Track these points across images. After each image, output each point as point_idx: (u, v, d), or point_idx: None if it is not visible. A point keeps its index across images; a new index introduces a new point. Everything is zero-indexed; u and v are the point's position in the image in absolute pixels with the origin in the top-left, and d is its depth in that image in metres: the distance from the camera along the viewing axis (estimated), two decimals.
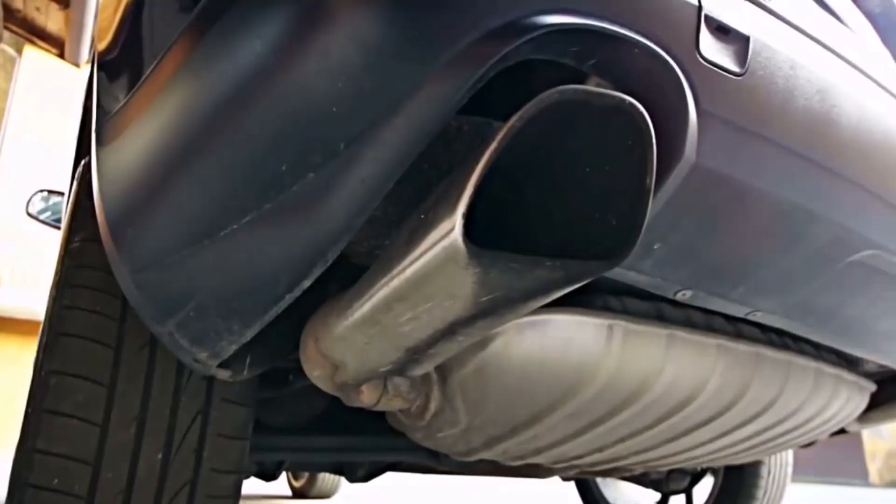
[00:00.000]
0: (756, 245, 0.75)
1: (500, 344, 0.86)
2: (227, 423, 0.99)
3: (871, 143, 0.77)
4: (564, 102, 0.53)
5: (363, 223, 0.78)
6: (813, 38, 0.73)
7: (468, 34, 0.52)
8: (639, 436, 1.14)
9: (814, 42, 0.73)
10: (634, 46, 0.56)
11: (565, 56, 0.57)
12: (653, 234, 0.68)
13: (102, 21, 0.90)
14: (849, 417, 1.52)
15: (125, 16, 0.80)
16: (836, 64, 0.75)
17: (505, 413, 0.97)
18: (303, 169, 0.60)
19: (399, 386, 0.89)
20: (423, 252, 0.58)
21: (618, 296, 0.93)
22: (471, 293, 0.59)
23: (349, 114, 0.56)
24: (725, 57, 0.62)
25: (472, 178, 0.53)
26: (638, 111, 0.54)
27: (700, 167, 0.64)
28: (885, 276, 0.90)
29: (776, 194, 0.70)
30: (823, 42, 0.74)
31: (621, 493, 2.53)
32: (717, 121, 0.63)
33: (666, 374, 0.97)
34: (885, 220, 0.81)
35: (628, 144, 0.56)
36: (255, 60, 0.59)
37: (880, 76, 0.84)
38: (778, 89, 0.66)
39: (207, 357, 0.80)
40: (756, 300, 0.84)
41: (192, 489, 0.96)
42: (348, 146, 0.58)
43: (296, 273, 0.66)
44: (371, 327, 0.69)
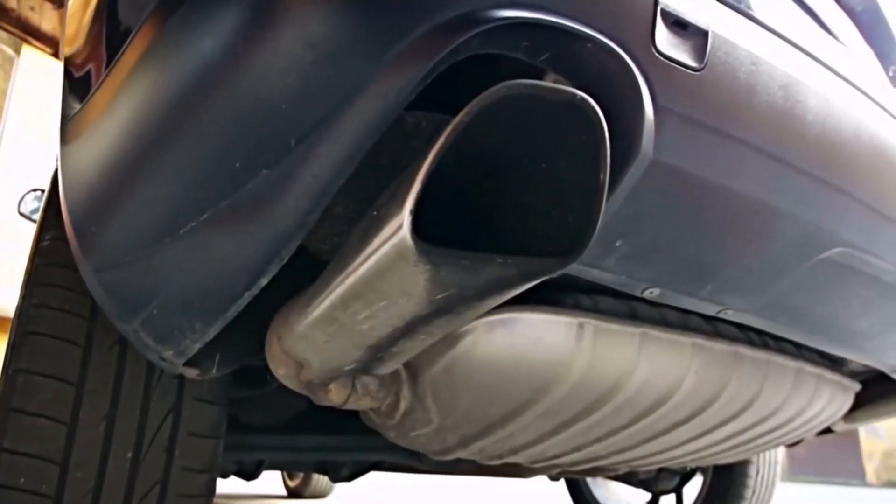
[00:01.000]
0: (721, 242, 0.74)
1: (469, 342, 0.85)
2: (198, 422, 0.99)
3: (839, 139, 0.76)
4: (514, 97, 0.53)
5: (327, 221, 0.79)
6: (776, 34, 0.72)
7: (415, 29, 0.52)
8: (616, 435, 1.13)
9: (777, 37, 0.72)
10: (587, 41, 0.56)
11: (516, 51, 0.56)
12: (614, 232, 0.68)
13: (69, 27, 0.90)
14: (833, 417, 1.52)
15: (86, 21, 0.80)
16: (801, 60, 0.74)
17: (477, 412, 0.96)
18: (256, 166, 0.60)
19: (368, 385, 0.88)
20: (375, 249, 0.58)
21: (590, 294, 0.92)
22: (424, 291, 0.59)
23: (299, 110, 0.56)
24: (683, 52, 0.61)
25: (420, 176, 0.53)
26: (590, 106, 0.54)
27: (659, 163, 0.63)
28: (858, 273, 0.90)
29: (740, 191, 0.70)
30: (788, 38, 0.73)
31: (612, 493, 2.52)
32: (675, 116, 0.62)
33: (639, 372, 0.96)
34: (854, 218, 0.81)
35: (582, 140, 0.56)
36: (205, 58, 0.58)
37: (851, 74, 0.83)
38: (739, 85, 0.66)
39: (173, 355, 0.80)
40: (725, 298, 0.84)
41: (164, 488, 0.95)
42: (300, 142, 0.57)
43: (253, 271, 0.66)
44: (330, 325, 0.69)
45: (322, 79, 0.54)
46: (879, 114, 0.84)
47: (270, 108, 0.56)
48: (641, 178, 0.63)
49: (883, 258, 0.89)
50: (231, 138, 0.60)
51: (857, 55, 1.08)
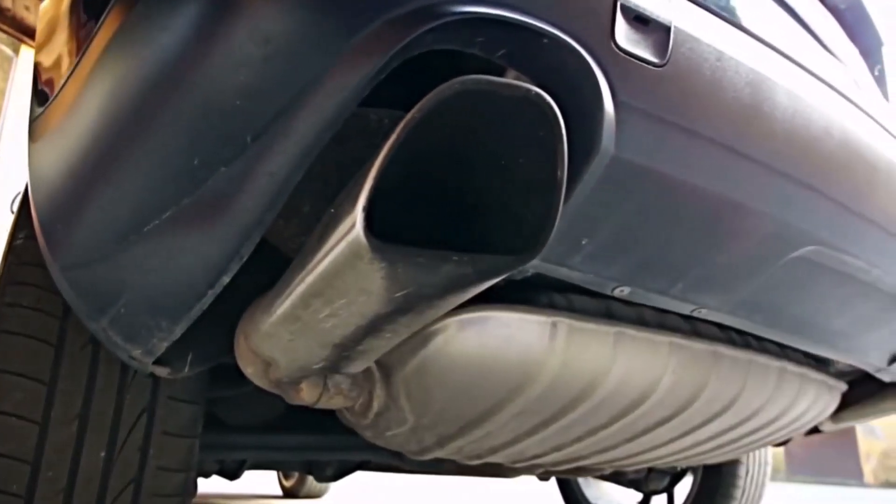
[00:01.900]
0: (689, 241, 0.73)
1: (441, 341, 0.85)
2: (173, 421, 0.98)
3: (809, 136, 0.76)
4: (468, 93, 0.53)
5: (294, 220, 0.79)
6: (743, 30, 0.71)
7: (366, 25, 0.52)
8: (596, 434, 1.12)
9: (745, 34, 0.71)
10: (542, 37, 0.55)
11: (472, 46, 0.56)
12: (579, 229, 0.67)
13: (39, 26, 0.90)
14: (819, 416, 1.51)
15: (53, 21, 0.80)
16: (770, 56, 0.73)
17: (452, 411, 0.96)
18: (214, 163, 0.60)
19: (340, 384, 0.88)
20: (332, 248, 0.57)
21: (565, 293, 0.92)
22: (382, 288, 0.58)
23: (253, 107, 0.56)
24: (644, 47, 0.61)
25: (372, 173, 0.52)
26: (545, 102, 0.53)
27: (622, 160, 0.63)
28: (833, 272, 0.89)
29: (707, 189, 0.69)
30: (756, 34, 0.73)
31: (603, 493, 2.52)
32: (637, 113, 0.62)
33: (615, 372, 0.96)
34: (826, 216, 0.80)
35: (539, 136, 0.56)
36: (159, 55, 0.58)
37: (823, 71, 0.83)
38: (703, 81, 0.65)
39: (142, 354, 0.79)
40: (698, 297, 0.83)
41: (138, 488, 0.95)
42: (255, 139, 0.57)
43: (214, 269, 0.66)
44: (293, 324, 0.68)
45: (274, 74, 0.54)
46: (852, 111, 0.84)
47: (225, 104, 0.56)
48: (604, 174, 0.63)
49: (857, 256, 0.88)
50: (188, 135, 0.59)
51: (834, 52, 1.07)
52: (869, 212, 0.85)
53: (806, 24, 1.02)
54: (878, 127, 0.89)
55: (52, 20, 0.81)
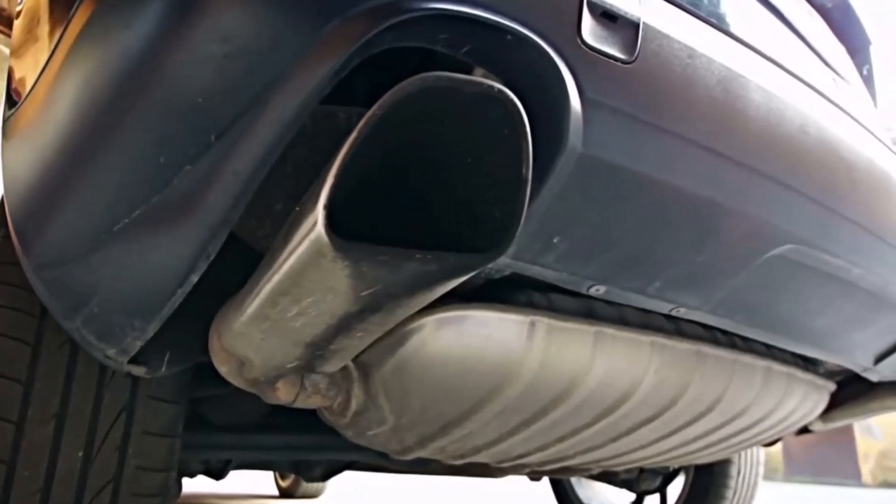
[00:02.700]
0: (665, 239, 0.73)
1: (418, 341, 0.84)
2: (153, 421, 0.98)
3: (785, 134, 0.75)
4: (430, 90, 0.52)
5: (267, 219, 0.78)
6: (715, 26, 0.71)
7: (325, 22, 0.51)
8: (579, 434, 1.12)
9: (717, 31, 0.71)
10: (506, 33, 0.55)
11: (436, 43, 0.55)
12: (551, 227, 0.67)
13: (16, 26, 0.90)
14: (808, 416, 1.51)
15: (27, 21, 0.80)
16: (743, 53, 0.73)
17: (432, 411, 0.95)
18: (180, 161, 0.59)
19: (318, 383, 0.87)
20: (296, 246, 0.57)
21: (544, 292, 0.91)
22: (349, 287, 0.58)
23: (216, 105, 0.56)
24: (612, 44, 0.60)
25: (333, 170, 0.52)
26: (509, 99, 0.53)
27: (592, 158, 0.62)
28: (813, 271, 0.89)
29: (681, 187, 0.69)
30: (729, 31, 0.72)
31: (596, 493, 2.51)
32: (606, 110, 0.61)
33: (595, 371, 0.95)
34: (803, 214, 0.80)
35: (504, 134, 0.55)
36: (123, 55, 0.58)
37: (800, 69, 0.82)
38: (674, 78, 0.65)
39: (116, 353, 0.79)
40: (676, 296, 0.83)
41: (116, 487, 0.95)
42: (219, 138, 0.57)
43: (182, 267, 0.66)
44: (263, 322, 0.68)
45: (236, 72, 0.53)
46: (829, 109, 0.83)
47: (189, 102, 0.56)
48: (574, 172, 0.62)
49: (837, 255, 0.88)
50: (154, 134, 0.59)
51: (818, 50, 1.07)
52: (848, 210, 0.85)
53: (788, 22, 1.01)
54: (856, 125, 0.89)
55: (25, 22, 0.81)
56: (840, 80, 1.09)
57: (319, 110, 0.69)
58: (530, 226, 0.65)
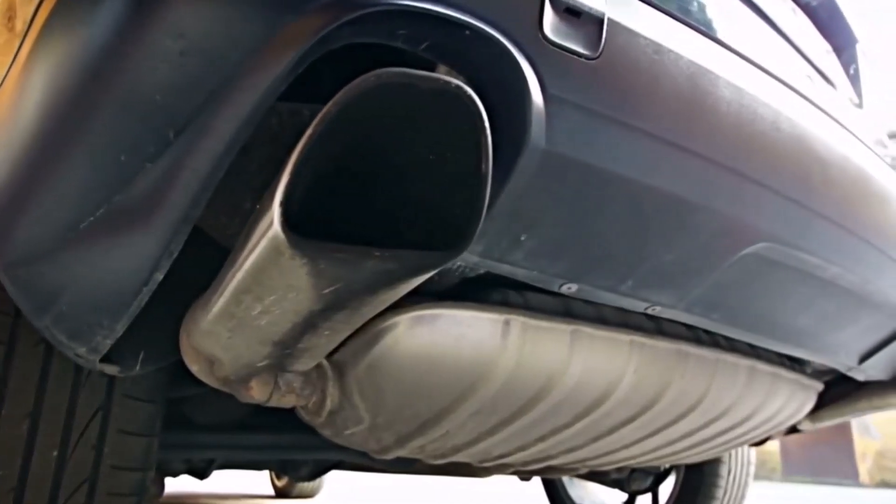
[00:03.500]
0: (634, 237, 0.73)
1: (391, 339, 0.84)
2: (129, 420, 0.98)
3: (756, 131, 0.75)
4: (386, 86, 0.52)
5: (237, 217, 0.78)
6: (683, 22, 0.70)
7: (279, 19, 0.51)
8: (559, 434, 1.12)
9: (685, 26, 0.70)
10: (464, 29, 0.54)
11: (395, 39, 0.55)
12: (518, 225, 0.67)
13: None
14: (795, 416, 1.50)
15: None
16: (712, 49, 0.72)
17: (408, 409, 0.95)
18: (140, 159, 0.59)
19: (291, 382, 0.87)
20: (255, 244, 0.57)
21: (520, 290, 0.91)
22: (310, 285, 0.58)
23: (173, 102, 0.55)
24: (575, 39, 0.60)
25: (288, 168, 0.52)
26: (466, 95, 0.52)
27: (557, 154, 0.62)
28: (789, 270, 0.88)
29: (650, 184, 0.68)
30: (697, 26, 0.72)
31: (588, 493, 2.51)
32: (570, 106, 0.61)
33: (572, 370, 0.95)
34: (776, 212, 0.79)
35: (463, 130, 0.55)
36: (82, 52, 0.58)
37: (774, 65, 0.82)
38: (640, 74, 0.65)
39: (86, 352, 0.79)
40: (650, 294, 0.83)
41: (92, 487, 0.94)
42: (178, 135, 0.57)
43: (146, 265, 0.65)
44: (228, 321, 0.68)
45: (192, 69, 0.53)
46: (803, 106, 0.83)
47: (146, 99, 0.56)
48: (538, 169, 0.62)
49: (814, 254, 0.87)
50: (114, 132, 0.59)
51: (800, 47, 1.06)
52: (823, 208, 0.84)
53: (768, 18, 1.01)
54: (832, 122, 0.88)
55: None
56: (819, 77, 1.09)
57: (284, 108, 0.68)
58: (496, 223, 0.65)
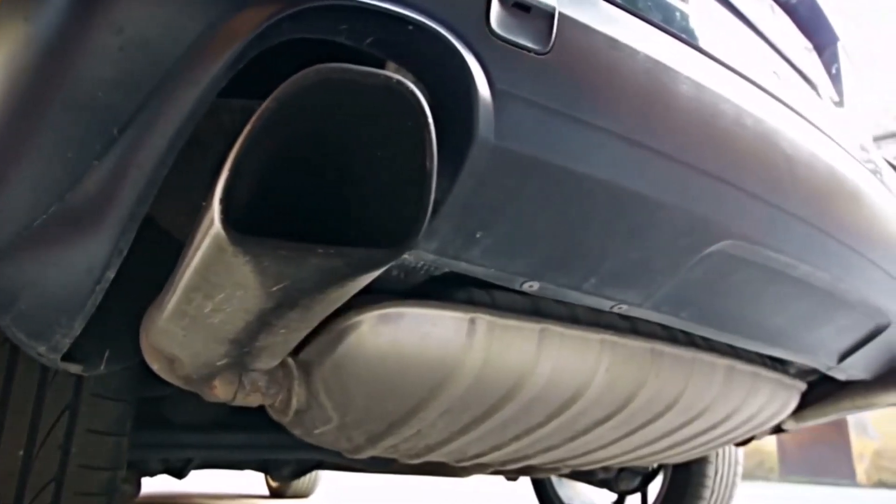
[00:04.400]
0: (593, 234, 0.72)
1: (355, 338, 0.84)
2: (97, 419, 0.98)
3: (717, 127, 0.74)
4: (326, 82, 0.52)
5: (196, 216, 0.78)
6: (639, 17, 0.70)
7: (216, 14, 0.51)
8: (533, 433, 1.11)
9: (642, 21, 0.70)
10: (407, 24, 0.54)
11: (338, 34, 0.54)
12: (471, 222, 0.66)
13: None
14: (778, 415, 1.49)
15: None
16: (671, 44, 0.72)
17: (375, 409, 0.94)
18: (87, 157, 0.59)
19: (256, 381, 0.87)
20: (201, 241, 0.57)
21: (488, 289, 0.90)
22: (256, 282, 0.57)
23: (115, 98, 0.55)
24: (524, 34, 0.59)
25: (228, 165, 0.51)
26: (409, 90, 0.52)
27: (508, 151, 0.61)
28: (759, 268, 0.88)
29: (604, 180, 0.68)
30: (654, 21, 0.71)
31: (577, 493, 2.50)
32: (520, 102, 0.60)
33: (541, 369, 0.94)
34: (741, 209, 0.79)
35: (408, 126, 0.54)
36: (26, 49, 0.57)
37: (739, 62, 0.81)
38: (594, 69, 0.64)
39: (47, 350, 0.79)
40: (615, 293, 0.82)
41: (59, 486, 0.94)
42: (122, 131, 0.56)
43: (97, 264, 0.65)
44: (181, 319, 0.67)
45: (131, 65, 0.53)
46: (768, 102, 0.82)
47: (89, 96, 0.55)
48: (489, 165, 0.61)
49: (782, 252, 0.87)
50: (60, 129, 0.59)
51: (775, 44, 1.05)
52: (791, 206, 0.83)
53: (742, 15, 1.00)
54: (801, 119, 0.88)
55: None
56: (795, 73, 1.08)
57: (238, 104, 0.68)
58: (450, 220, 0.65)
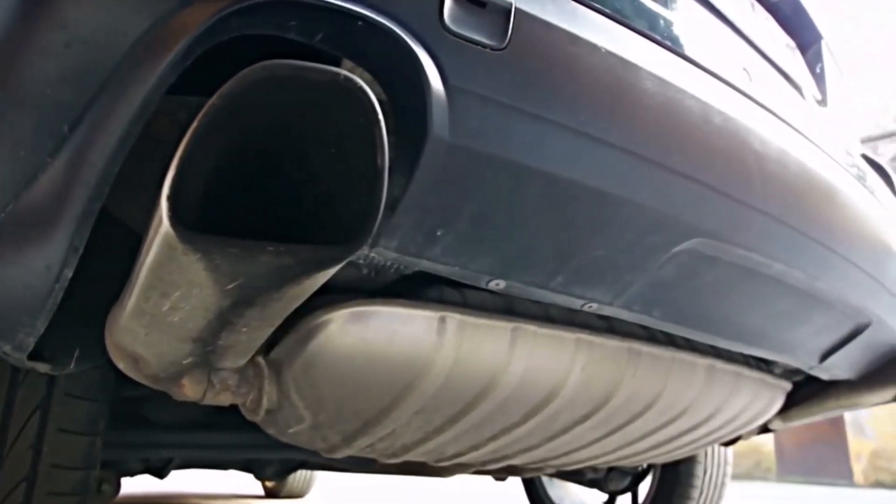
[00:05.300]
0: (555, 232, 0.71)
1: (324, 337, 0.83)
2: (70, 419, 0.97)
3: (683, 125, 0.74)
4: (273, 79, 0.51)
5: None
6: (601, 12, 0.69)
7: (161, 11, 0.50)
8: (510, 433, 1.11)
9: (603, 17, 0.69)
10: (356, 19, 0.54)
11: (288, 30, 0.54)
12: (431, 220, 0.66)
13: None
14: (762, 415, 1.49)
15: None
16: (634, 40, 0.71)
17: (348, 408, 0.94)
18: (40, 155, 0.59)
19: (226, 380, 0.86)
20: (152, 239, 0.56)
21: (459, 288, 0.90)
22: (210, 280, 0.57)
23: (64, 95, 0.55)
24: (479, 30, 0.59)
25: (175, 162, 0.51)
26: (357, 87, 0.52)
27: (464, 148, 0.61)
28: (731, 266, 0.87)
29: (567, 177, 0.67)
30: (617, 17, 0.71)
31: (568, 493, 2.50)
32: (476, 99, 0.60)
33: (514, 368, 0.94)
34: (709, 207, 0.78)
35: (358, 123, 0.54)
36: None
37: (704, 57, 0.81)
38: (553, 65, 0.63)
39: (12, 349, 0.78)
40: (583, 291, 0.81)
41: (30, 486, 0.94)
42: (72, 129, 0.56)
43: (55, 262, 0.65)
44: (141, 318, 0.67)
45: (77, 62, 0.53)
46: (738, 99, 0.82)
47: (37, 93, 0.55)
48: (445, 163, 0.61)
49: (755, 250, 0.86)
50: (11, 126, 0.58)
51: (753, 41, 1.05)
52: (760, 203, 0.83)
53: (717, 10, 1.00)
54: (771, 116, 0.87)
55: None
56: (774, 70, 1.08)
57: (195, 102, 0.68)
58: (409, 218, 0.64)
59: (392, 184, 0.62)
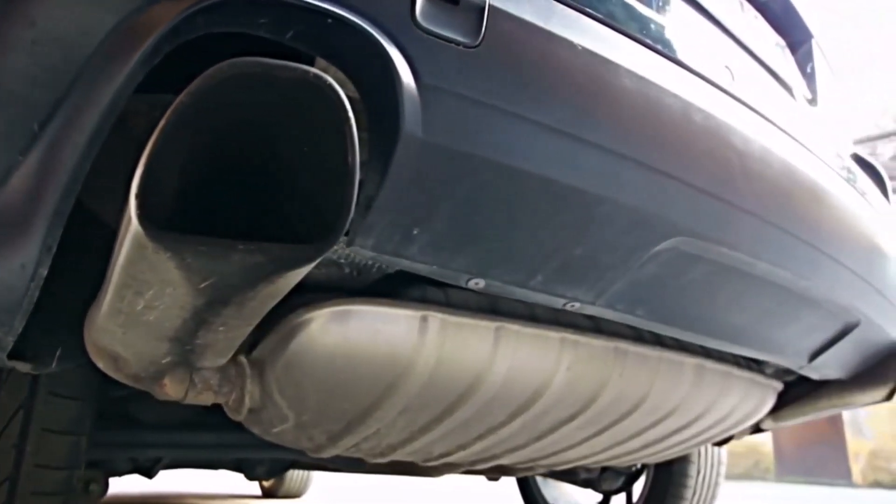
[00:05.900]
0: (534, 230, 0.71)
1: (306, 336, 0.83)
2: (54, 418, 0.97)
3: (663, 123, 0.73)
4: (242, 76, 0.51)
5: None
6: (577, 9, 0.69)
7: (127, 8, 0.50)
8: (497, 432, 1.10)
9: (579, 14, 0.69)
10: (326, 17, 0.53)
11: (257, 28, 0.54)
12: (407, 218, 0.65)
13: None
14: (753, 415, 1.48)
15: None
16: (613, 38, 0.71)
17: (331, 407, 0.94)
18: (12, 153, 0.58)
19: (208, 379, 0.86)
20: (123, 237, 0.56)
21: (442, 287, 0.90)
22: (182, 279, 0.57)
23: (33, 93, 0.55)
24: (452, 27, 0.59)
25: (143, 160, 0.51)
26: (327, 84, 0.51)
27: (438, 146, 0.61)
28: (714, 265, 0.87)
29: (543, 175, 0.67)
30: (594, 14, 0.70)
31: (562, 493, 2.49)
32: (449, 96, 0.60)
33: (498, 367, 0.94)
34: (692, 205, 0.78)
35: (329, 121, 0.54)
36: None
37: (685, 55, 0.80)
38: (528, 63, 0.63)
39: None
40: (564, 290, 0.81)
41: (13, 485, 0.94)
42: (42, 127, 0.56)
43: (29, 260, 0.64)
44: (117, 317, 0.67)
45: (45, 59, 0.52)
46: (719, 96, 0.81)
47: (5, 90, 0.55)
48: (420, 161, 0.61)
49: (737, 249, 0.86)
50: None
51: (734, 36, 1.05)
52: (742, 202, 0.83)
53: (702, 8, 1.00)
54: (754, 115, 0.87)
55: None
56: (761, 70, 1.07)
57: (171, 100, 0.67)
58: (384, 216, 0.64)
59: (366, 182, 0.62)
